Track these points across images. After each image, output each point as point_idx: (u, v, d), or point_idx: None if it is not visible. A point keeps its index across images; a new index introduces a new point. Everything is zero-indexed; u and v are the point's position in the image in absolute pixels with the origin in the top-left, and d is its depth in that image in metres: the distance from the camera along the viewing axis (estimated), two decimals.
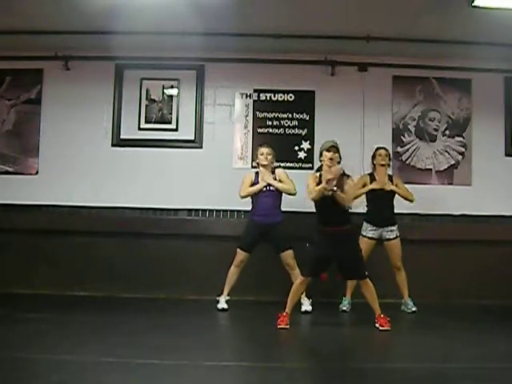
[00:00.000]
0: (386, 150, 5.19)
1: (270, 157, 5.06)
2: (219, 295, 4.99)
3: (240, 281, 5.00)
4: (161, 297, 5.46)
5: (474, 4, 4.53)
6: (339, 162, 4.33)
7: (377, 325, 4.26)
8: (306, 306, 4.90)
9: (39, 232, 5.59)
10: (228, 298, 5.00)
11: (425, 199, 5.67)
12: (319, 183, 4.23)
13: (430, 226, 5.68)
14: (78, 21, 5.05)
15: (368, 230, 5.01)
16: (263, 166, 5.05)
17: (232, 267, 4.99)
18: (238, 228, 5.43)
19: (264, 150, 5.09)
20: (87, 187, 5.75)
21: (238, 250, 4.97)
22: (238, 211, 5.71)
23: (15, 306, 4.89)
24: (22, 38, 5.37)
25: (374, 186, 5.05)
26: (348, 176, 4.33)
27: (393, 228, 5.03)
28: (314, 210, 4.39)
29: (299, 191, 4.93)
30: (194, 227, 5.69)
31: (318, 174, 4.38)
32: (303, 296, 4.83)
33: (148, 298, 5.44)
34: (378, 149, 5.19)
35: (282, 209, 5.07)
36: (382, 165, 5.12)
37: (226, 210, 5.74)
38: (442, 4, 4.64)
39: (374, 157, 5.20)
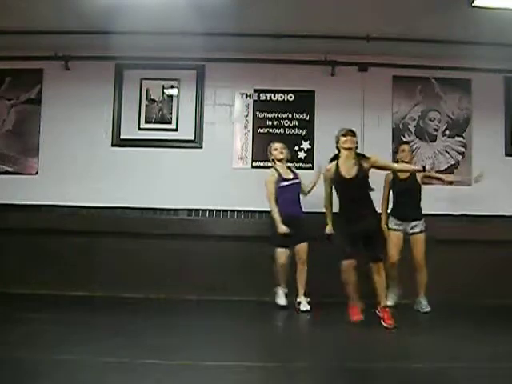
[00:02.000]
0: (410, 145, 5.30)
1: (284, 150, 5.13)
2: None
3: (241, 281, 5.00)
4: (161, 297, 5.46)
5: (474, 4, 4.53)
6: (357, 148, 4.40)
7: (378, 314, 4.30)
8: (305, 305, 4.90)
9: (39, 232, 5.59)
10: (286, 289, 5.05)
11: (424, 199, 5.67)
12: (336, 173, 4.32)
13: (430, 226, 5.67)
14: (78, 21, 5.05)
15: (393, 224, 5.06)
16: (279, 160, 5.09)
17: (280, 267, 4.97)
18: (238, 228, 5.46)
19: (278, 144, 5.19)
20: (87, 187, 5.75)
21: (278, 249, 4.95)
22: (238, 211, 5.72)
23: (15, 306, 4.89)
24: (21, 37, 5.38)
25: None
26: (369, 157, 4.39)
27: (417, 223, 5.05)
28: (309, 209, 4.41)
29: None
30: (194, 227, 5.68)
31: (332, 163, 4.43)
32: (302, 296, 4.83)
33: (148, 298, 5.44)
34: (401, 143, 5.36)
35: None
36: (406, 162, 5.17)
37: (226, 210, 5.75)
38: (442, 4, 4.64)
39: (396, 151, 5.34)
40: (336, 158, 4.45)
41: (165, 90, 5.92)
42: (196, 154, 5.85)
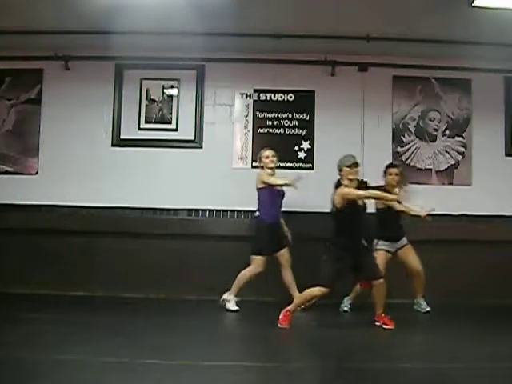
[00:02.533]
0: (398, 168, 5.12)
1: (275, 159, 5.09)
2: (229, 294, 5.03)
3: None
4: (161, 297, 5.46)
5: (474, 4, 4.53)
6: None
7: (378, 323, 4.32)
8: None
9: (39, 232, 5.58)
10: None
11: (425, 199, 5.67)
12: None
13: (429, 225, 5.66)
14: (78, 21, 5.05)
15: (383, 245, 5.01)
16: (270, 168, 5.04)
17: (252, 274, 4.95)
18: (238, 228, 5.45)
19: (269, 152, 5.09)
20: (87, 187, 5.74)
21: (257, 257, 4.92)
22: (238, 211, 5.72)
23: (15, 306, 4.89)
24: (21, 38, 5.38)
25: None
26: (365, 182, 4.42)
27: (404, 238, 5.08)
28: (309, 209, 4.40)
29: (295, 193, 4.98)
30: (194, 227, 5.68)
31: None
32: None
33: (148, 298, 5.44)
34: (389, 166, 5.12)
35: (284, 209, 5.11)
36: (393, 186, 5.03)
37: (226, 210, 5.75)
38: (442, 4, 4.64)
39: (385, 173, 5.10)
40: (338, 184, 4.41)
41: (165, 90, 5.92)
42: (196, 153, 5.85)
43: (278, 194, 5.02)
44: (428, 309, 5.05)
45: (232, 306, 4.94)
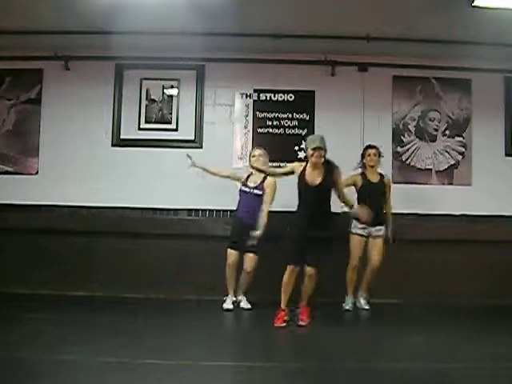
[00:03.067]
0: (376, 149, 5.20)
1: (261, 158, 5.08)
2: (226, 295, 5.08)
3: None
4: (161, 297, 5.46)
5: (474, 4, 4.53)
6: (324, 156, 4.38)
7: (298, 310, 4.44)
8: (245, 303, 5.08)
9: (39, 232, 5.58)
10: (234, 298, 5.13)
11: (425, 199, 5.68)
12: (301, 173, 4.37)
13: (430, 225, 5.67)
14: (78, 21, 5.05)
15: (357, 228, 5.03)
16: (253, 168, 5.05)
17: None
18: None
19: (257, 151, 5.14)
20: (87, 187, 5.74)
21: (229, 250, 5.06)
22: None
23: (15, 306, 4.88)
24: (21, 38, 5.37)
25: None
26: (337, 167, 4.39)
27: (381, 227, 5.06)
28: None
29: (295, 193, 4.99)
30: (194, 227, 5.69)
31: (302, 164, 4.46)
32: (241, 292, 5.09)
33: (148, 297, 5.44)
34: (367, 148, 5.23)
35: (278, 209, 5.08)
36: (372, 166, 5.16)
37: (226, 210, 5.74)
38: (442, 4, 4.64)
39: (363, 156, 5.23)
40: (305, 159, 4.51)
41: (165, 90, 5.92)
42: (196, 154, 5.82)
43: (244, 195, 5.08)
44: (366, 307, 5.07)
45: (245, 304, 5.06)
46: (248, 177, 5.18)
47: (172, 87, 5.92)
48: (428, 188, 5.78)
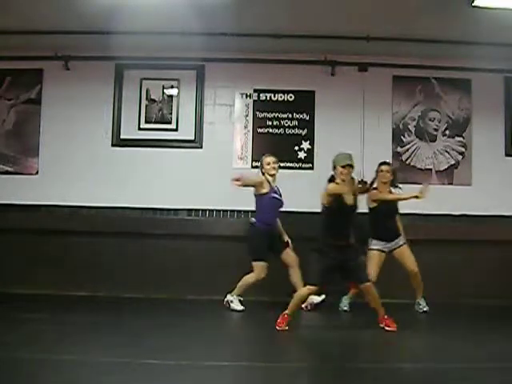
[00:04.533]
0: (390, 165, 5.08)
1: (276, 165, 5.05)
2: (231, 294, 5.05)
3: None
4: (161, 297, 5.46)
5: (474, 4, 4.53)
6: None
7: (381, 325, 4.25)
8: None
9: (39, 232, 5.59)
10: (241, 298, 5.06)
11: (425, 199, 5.67)
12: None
13: (429, 226, 5.67)
14: (78, 21, 5.05)
15: (377, 245, 4.97)
16: (271, 175, 5.02)
17: (254, 280, 4.93)
18: (238, 228, 5.44)
19: (271, 159, 5.05)
20: (87, 187, 5.75)
21: (258, 263, 4.90)
22: (238, 211, 5.72)
23: (15, 306, 4.89)
24: (22, 38, 5.38)
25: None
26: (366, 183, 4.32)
27: (399, 238, 5.03)
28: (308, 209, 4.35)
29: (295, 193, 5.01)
30: (194, 227, 5.69)
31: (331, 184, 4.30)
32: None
33: (148, 297, 5.44)
34: (381, 164, 5.04)
35: (288, 209, 5.12)
36: (384, 183, 5.00)
37: (226, 210, 5.75)
38: (441, 4, 4.64)
39: (377, 172, 5.02)
40: (332, 179, 4.32)
41: (165, 90, 5.92)
42: (196, 153, 5.85)
43: (274, 202, 4.99)
44: (425, 309, 5.02)
45: (236, 305, 4.94)
46: (269, 182, 5.03)
47: (172, 87, 5.92)
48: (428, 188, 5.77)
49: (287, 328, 4.22)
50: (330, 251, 4.20)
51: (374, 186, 4.82)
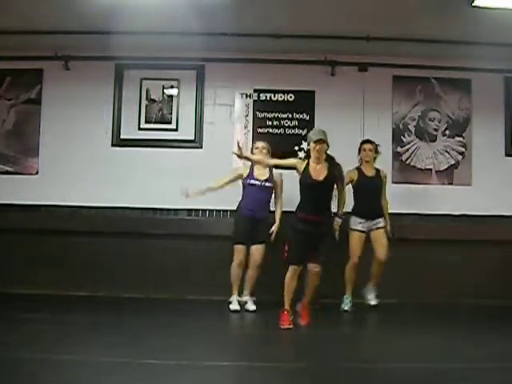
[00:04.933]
0: (372, 144, 5.21)
1: (264, 150, 5.09)
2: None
3: (240, 281, 5.01)
4: (161, 297, 5.46)
5: (474, 4, 4.53)
6: (326, 150, 4.37)
7: (297, 310, 4.42)
8: (250, 305, 4.99)
9: (39, 232, 5.58)
10: (238, 297, 5.06)
11: (425, 199, 5.68)
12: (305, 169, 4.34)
13: (429, 226, 5.67)
14: (78, 21, 5.05)
15: (357, 223, 5.02)
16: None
17: (233, 265, 5.02)
18: None
19: (259, 143, 5.17)
20: (87, 187, 5.74)
21: (235, 246, 5.02)
22: None
23: (15, 306, 4.89)
24: (22, 38, 5.37)
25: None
26: (339, 165, 4.42)
27: (380, 219, 5.06)
28: None
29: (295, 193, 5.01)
30: (194, 227, 5.68)
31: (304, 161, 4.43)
32: (247, 293, 5.02)
33: (148, 297, 5.44)
34: (363, 143, 5.25)
35: (288, 209, 5.03)
36: (367, 161, 5.17)
37: (226, 210, 5.74)
38: (441, 4, 4.64)
39: (359, 151, 5.25)
40: (307, 157, 4.45)
41: (165, 90, 5.92)
42: (196, 153, 5.85)
43: (256, 190, 5.04)
44: (373, 302, 5.03)
45: (235, 305, 4.98)
46: (251, 170, 5.13)
47: (172, 87, 5.92)
48: (428, 188, 5.78)
49: (291, 326, 4.22)
50: (297, 224, 4.29)
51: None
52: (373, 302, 5.05)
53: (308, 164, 4.37)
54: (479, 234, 5.59)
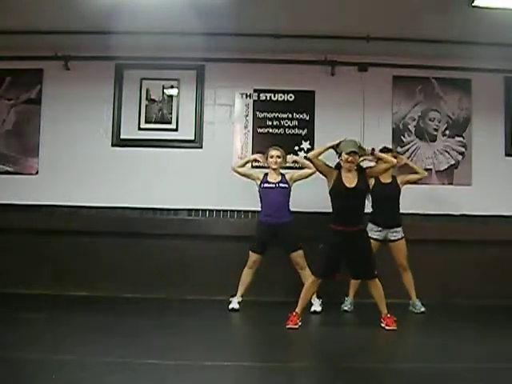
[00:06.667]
0: (391, 151, 5.05)
1: (279, 160, 5.05)
2: (232, 296, 4.98)
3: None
4: (161, 297, 5.46)
5: (474, 4, 4.53)
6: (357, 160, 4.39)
7: (383, 324, 4.26)
8: (316, 306, 4.88)
9: (39, 232, 5.58)
10: (241, 299, 4.98)
11: (425, 199, 5.68)
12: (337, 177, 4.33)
13: (429, 225, 5.67)
14: (78, 21, 5.04)
15: (373, 231, 4.96)
16: (273, 169, 5.04)
17: (245, 268, 4.98)
18: (238, 228, 5.45)
19: (274, 152, 5.06)
20: (87, 187, 5.75)
21: (250, 252, 4.96)
22: (238, 211, 5.72)
23: (15, 306, 4.89)
24: (22, 38, 5.37)
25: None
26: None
27: (397, 229, 5.02)
28: (322, 210, 4.42)
29: (302, 191, 5.01)
30: (194, 227, 5.68)
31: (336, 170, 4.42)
32: (314, 296, 4.80)
33: (148, 297, 5.44)
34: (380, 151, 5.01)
35: (291, 209, 5.07)
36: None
37: (226, 210, 5.74)
38: (442, 4, 4.64)
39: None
40: (338, 166, 4.44)
41: (165, 90, 5.92)
42: (196, 153, 5.85)
43: (271, 192, 4.98)
44: (423, 309, 4.99)
45: (234, 304, 4.95)
46: (265, 175, 5.08)
47: (172, 87, 5.92)
48: (428, 188, 5.78)
49: (297, 326, 4.22)
50: (331, 237, 4.24)
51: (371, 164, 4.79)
52: (422, 309, 4.98)
53: (340, 173, 4.36)
54: (479, 233, 5.59)
